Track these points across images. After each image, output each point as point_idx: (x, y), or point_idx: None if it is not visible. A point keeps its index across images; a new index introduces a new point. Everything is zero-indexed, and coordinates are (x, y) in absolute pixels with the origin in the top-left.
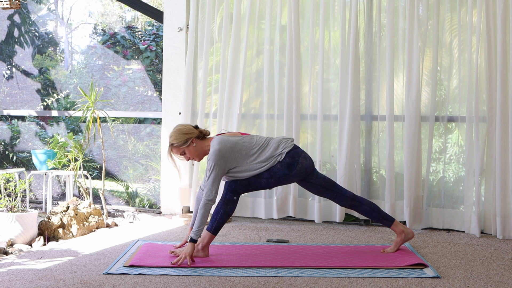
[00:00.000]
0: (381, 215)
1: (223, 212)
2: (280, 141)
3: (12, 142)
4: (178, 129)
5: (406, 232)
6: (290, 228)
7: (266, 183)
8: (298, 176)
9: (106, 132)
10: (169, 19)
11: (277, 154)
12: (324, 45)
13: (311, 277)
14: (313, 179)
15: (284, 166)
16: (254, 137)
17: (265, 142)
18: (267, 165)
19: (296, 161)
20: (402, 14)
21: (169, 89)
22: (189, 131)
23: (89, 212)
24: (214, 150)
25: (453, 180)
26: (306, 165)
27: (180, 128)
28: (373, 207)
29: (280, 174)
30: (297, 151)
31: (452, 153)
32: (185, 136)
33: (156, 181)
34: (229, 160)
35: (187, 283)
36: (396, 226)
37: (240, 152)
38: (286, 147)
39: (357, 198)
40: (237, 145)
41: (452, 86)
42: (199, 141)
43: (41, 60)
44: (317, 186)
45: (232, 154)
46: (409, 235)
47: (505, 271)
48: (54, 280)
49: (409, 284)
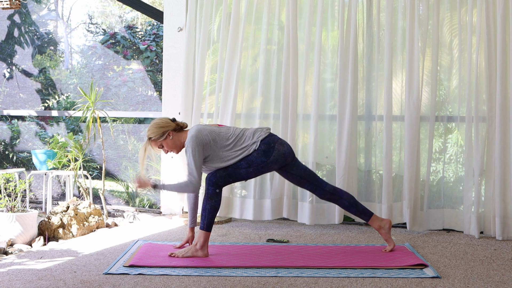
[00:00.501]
0: (359, 210)
1: (210, 207)
2: (255, 130)
3: (12, 142)
4: (155, 123)
5: (383, 225)
6: (290, 228)
7: (245, 173)
8: (277, 163)
9: (106, 132)
10: (169, 19)
11: (251, 143)
12: (323, 44)
13: (311, 277)
14: (294, 170)
15: (260, 153)
16: (230, 128)
17: (241, 132)
18: (242, 154)
19: (272, 147)
20: (402, 13)
21: (169, 89)
22: (165, 124)
23: (89, 212)
24: (191, 136)
25: (453, 180)
26: (283, 151)
27: (157, 122)
28: (352, 201)
29: (258, 162)
30: (272, 138)
31: (452, 153)
32: (161, 129)
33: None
34: (205, 147)
35: (187, 283)
36: (374, 222)
37: (215, 141)
38: (261, 135)
39: (336, 192)
40: (213, 133)
41: (452, 86)
42: (176, 133)
43: (41, 60)
44: (297, 177)
45: (208, 142)
46: (386, 225)
47: (505, 271)
48: (54, 280)
49: (409, 284)
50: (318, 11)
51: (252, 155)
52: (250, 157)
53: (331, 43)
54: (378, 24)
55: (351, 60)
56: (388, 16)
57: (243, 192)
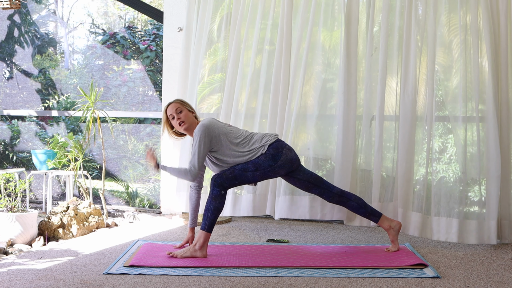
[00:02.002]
0: (368, 211)
1: (213, 208)
2: (264, 135)
3: (12, 142)
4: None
5: (393, 226)
6: (290, 228)
7: (252, 176)
8: (284, 168)
9: (106, 132)
10: (169, 19)
11: (259, 146)
12: (321, 44)
13: (311, 277)
14: (300, 175)
15: (268, 157)
16: (240, 130)
17: (250, 135)
18: (249, 155)
19: (280, 151)
20: (400, 13)
21: (169, 89)
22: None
23: (89, 212)
24: (202, 124)
25: (452, 181)
26: (290, 156)
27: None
28: (360, 203)
29: (265, 166)
30: (280, 143)
31: (452, 153)
32: (190, 105)
33: (156, 181)
34: (213, 139)
35: (187, 283)
36: (383, 222)
37: (226, 135)
38: (269, 140)
39: (344, 194)
40: (223, 128)
41: (451, 86)
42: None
43: (41, 60)
44: (305, 182)
45: (217, 135)
46: (396, 226)
47: (505, 271)
48: (54, 280)
49: (409, 284)
50: (319, 10)
51: (260, 158)
52: (258, 160)
53: (331, 43)
54: (377, 24)
55: (351, 60)
56: (385, 15)
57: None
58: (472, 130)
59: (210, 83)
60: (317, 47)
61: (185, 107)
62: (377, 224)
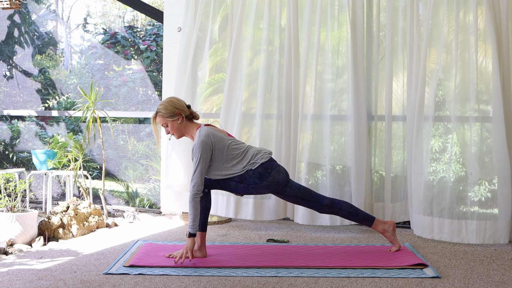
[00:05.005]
0: (360, 217)
1: (201, 207)
2: (259, 151)
3: (12, 142)
4: (171, 100)
5: (387, 228)
6: (290, 228)
7: (234, 186)
8: (268, 189)
9: (106, 132)
10: (169, 19)
11: (249, 163)
12: (321, 44)
13: (311, 277)
14: (288, 191)
15: (255, 174)
16: (238, 143)
17: (244, 150)
18: (239, 173)
19: (268, 172)
20: (402, 13)
21: (169, 89)
22: (181, 106)
23: (89, 212)
24: (201, 141)
25: (453, 181)
26: (277, 179)
27: (173, 100)
28: (352, 210)
29: (250, 182)
30: (272, 163)
31: (452, 153)
32: (174, 109)
33: (156, 181)
34: (212, 153)
35: (187, 283)
36: (377, 226)
37: (222, 151)
38: (262, 158)
39: (335, 205)
40: (221, 142)
41: (452, 86)
42: (186, 121)
43: (41, 60)
44: (292, 197)
45: (215, 150)
46: (390, 227)
47: (505, 271)
48: (54, 280)
49: (409, 284)
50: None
51: (248, 173)
52: (245, 174)
53: (331, 43)
54: (378, 24)
55: (352, 60)
56: (388, 16)
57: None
58: (477, 130)
59: (210, 84)
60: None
61: (168, 119)
62: (371, 227)
